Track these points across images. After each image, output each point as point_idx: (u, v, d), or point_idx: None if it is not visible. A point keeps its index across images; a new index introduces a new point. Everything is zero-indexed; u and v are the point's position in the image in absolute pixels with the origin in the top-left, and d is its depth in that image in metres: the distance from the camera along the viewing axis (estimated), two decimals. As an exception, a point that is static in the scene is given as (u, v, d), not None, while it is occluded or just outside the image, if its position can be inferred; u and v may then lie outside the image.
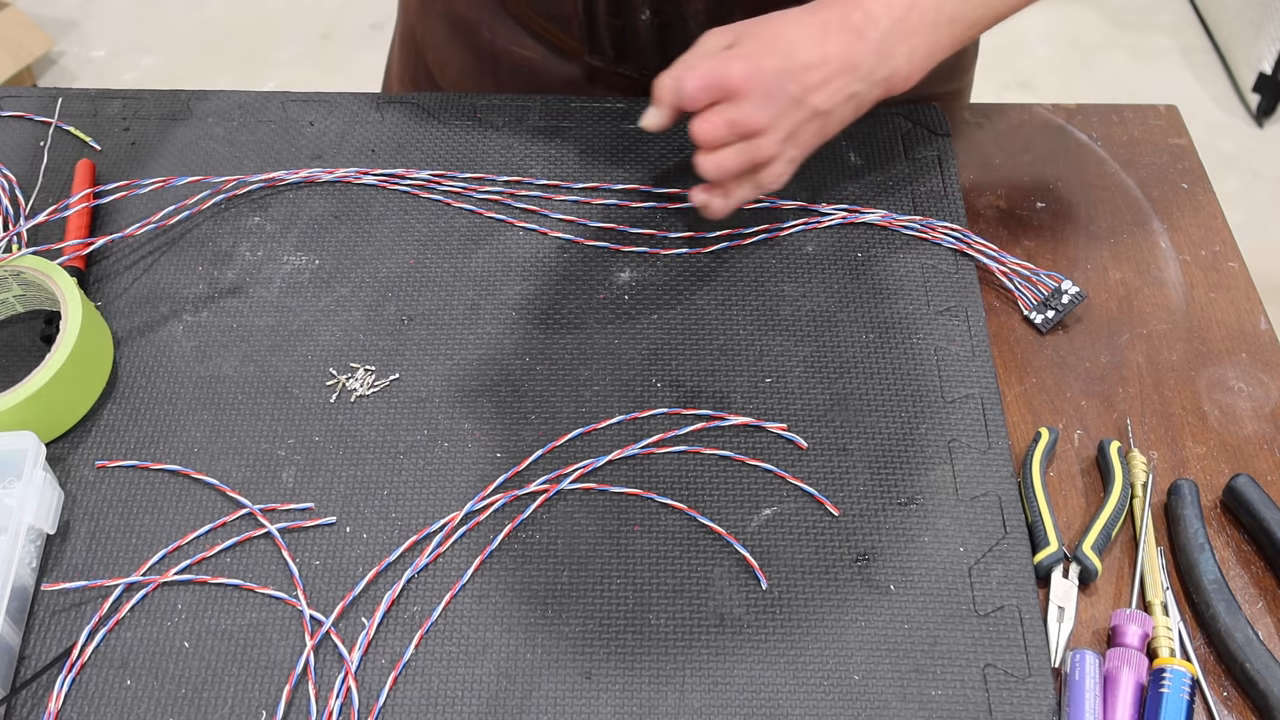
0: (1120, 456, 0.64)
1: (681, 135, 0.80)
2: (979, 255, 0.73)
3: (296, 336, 0.70)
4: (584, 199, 0.76)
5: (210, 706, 0.57)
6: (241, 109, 0.82)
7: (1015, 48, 2.27)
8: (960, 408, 0.67)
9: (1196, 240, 0.76)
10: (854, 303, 0.71)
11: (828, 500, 0.63)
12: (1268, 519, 0.62)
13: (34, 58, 2.11)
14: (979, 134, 0.82)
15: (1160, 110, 0.84)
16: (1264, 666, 0.57)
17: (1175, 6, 2.36)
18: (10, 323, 0.71)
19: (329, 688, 0.57)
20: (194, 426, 0.66)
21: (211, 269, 0.73)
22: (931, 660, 0.58)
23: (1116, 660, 0.57)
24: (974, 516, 0.63)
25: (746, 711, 0.56)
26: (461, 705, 0.57)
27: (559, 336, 0.70)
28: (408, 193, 0.76)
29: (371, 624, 0.59)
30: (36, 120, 0.81)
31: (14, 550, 0.58)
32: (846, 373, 0.68)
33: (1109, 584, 0.62)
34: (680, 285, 0.72)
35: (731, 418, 0.66)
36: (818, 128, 0.66)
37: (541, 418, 0.66)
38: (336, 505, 0.63)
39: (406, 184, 0.76)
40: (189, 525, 0.62)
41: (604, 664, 0.58)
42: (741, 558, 0.61)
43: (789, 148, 0.66)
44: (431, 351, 0.69)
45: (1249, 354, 0.71)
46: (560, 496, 0.64)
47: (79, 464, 0.65)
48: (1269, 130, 2.12)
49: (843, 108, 0.66)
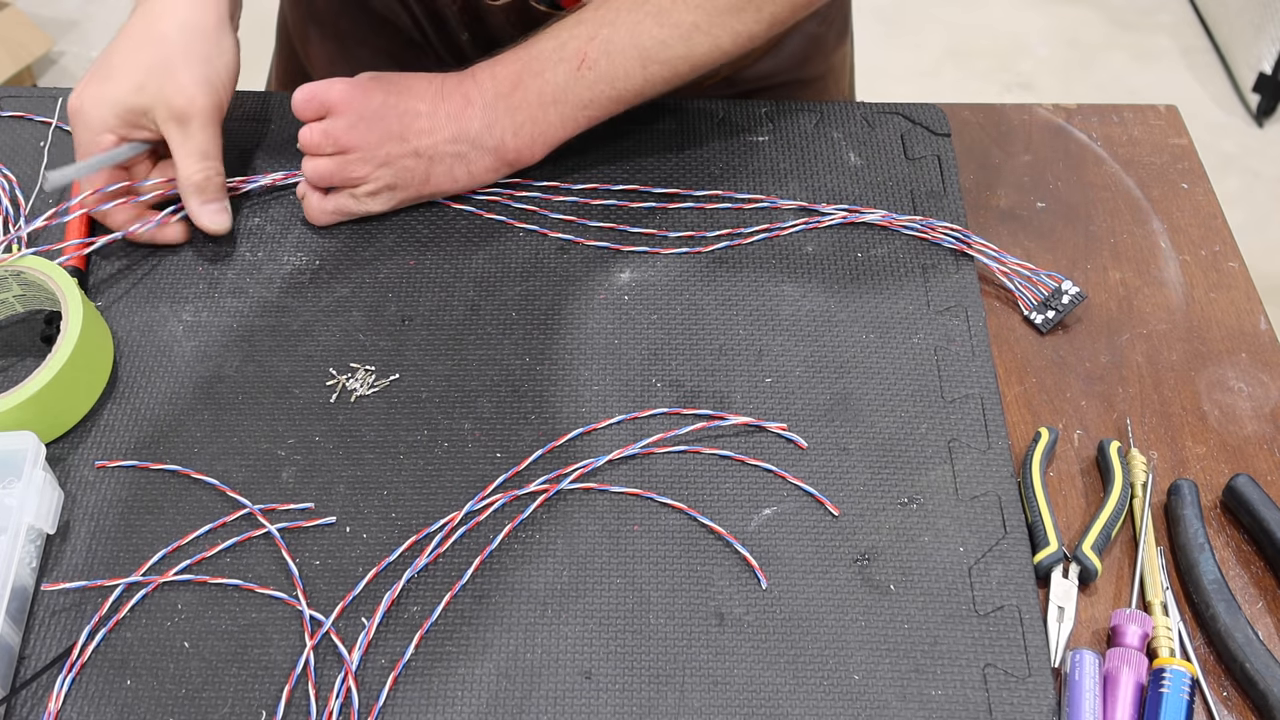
0: (1120, 456, 0.65)
1: (682, 135, 0.80)
2: (979, 255, 0.73)
3: (296, 336, 0.70)
4: (583, 199, 0.76)
5: (210, 706, 0.57)
6: (241, 109, 0.82)
7: (1015, 48, 2.27)
8: (960, 408, 0.67)
9: (1196, 240, 0.76)
10: (854, 303, 0.71)
11: (828, 500, 0.63)
12: (1268, 519, 0.62)
13: (34, 58, 2.11)
14: (979, 134, 0.82)
15: (1160, 110, 0.84)
16: (1264, 666, 0.57)
17: (1175, 6, 2.36)
18: (10, 323, 0.71)
19: (329, 688, 0.57)
20: (194, 426, 0.66)
21: (211, 269, 0.73)
22: (931, 660, 0.58)
23: (1116, 660, 0.57)
24: (974, 516, 0.63)
25: (746, 711, 0.56)
26: (461, 705, 0.57)
27: (559, 336, 0.70)
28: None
29: (371, 624, 0.59)
30: (36, 120, 0.81)
31: (14, 550, 0.58)
32: (846, 373, 0.68)
33: (1109, 584, 0.62)
34: (680, 285, 0.72)
35: (731, 418, 0.66)
36: (423, 169, 0.71)
37: (541, 418, 0.66)
38: (336, 505, 0.63)
39: None
40: (189, 525, 0.62)
41: (604, 664, 0.58)
42: (741, 558, 0.61)
43: (385, 174, 0.71)
44: (431, 351, 0.69)
45: (1249, 354, 0.71)
46: (560, 496, 0.64)
47: (79, 464, 0.65)
48: (1269, 130, 2.12)
49: (449, 162, 0.71)
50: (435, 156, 0.71)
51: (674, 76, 0.70)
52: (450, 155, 0.71)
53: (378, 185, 0.72)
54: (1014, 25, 2.31)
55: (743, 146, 0.79)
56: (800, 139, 0.79)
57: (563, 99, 0.70)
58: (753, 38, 0.70)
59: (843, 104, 0.82)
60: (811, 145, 0.79)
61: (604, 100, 0.71)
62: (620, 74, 0.69)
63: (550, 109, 0.70)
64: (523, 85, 0.70)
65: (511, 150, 0.71)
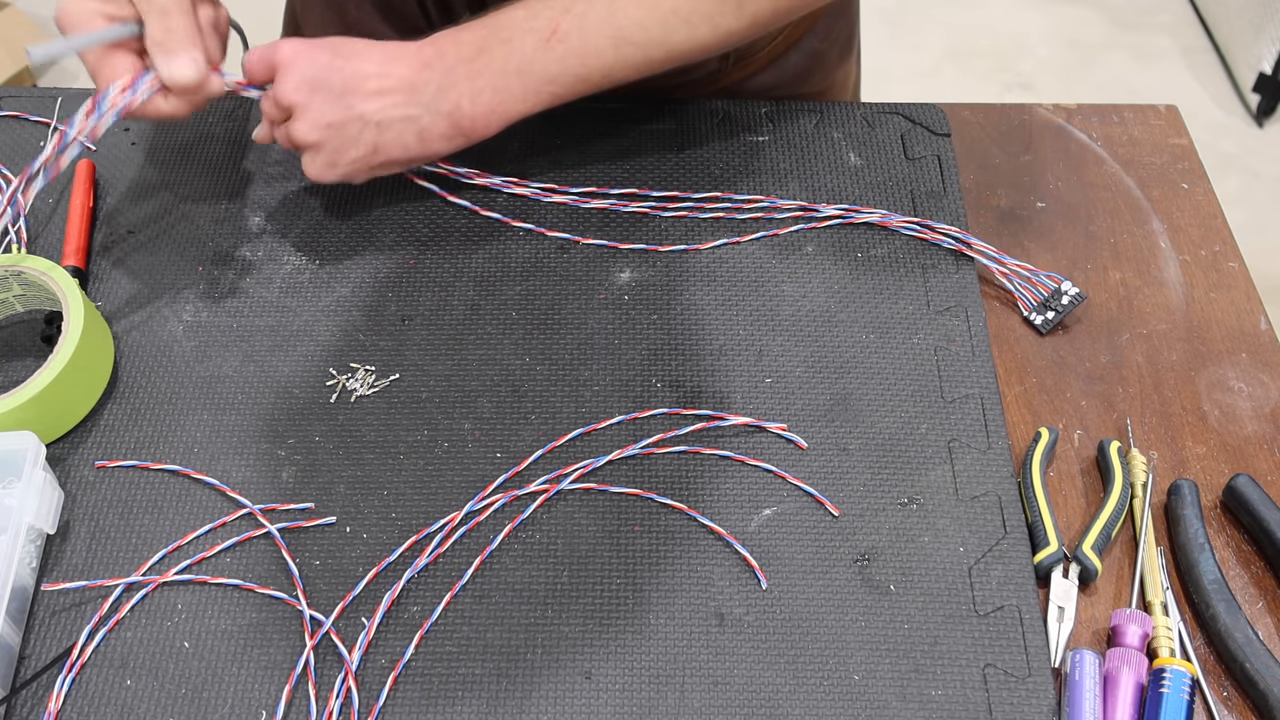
0: (1120, 456, 0.65)
1: (681, 135, 0.80)
2: (979, 255, 0.73)
3: (296, 336, 0.70)
4: (583, 199, 0.76)
5: (210, 706, 0.57)
6: (242, 109, 0.82)
7: (1015, 48, 2.27)
8: (960, 408, 0.67)
9: (1196, 240, 0.76)
10: (854, 303, 0.71)
11: (828, 500, 0.63)
12: (1268, 519, 0.62)
13: (34, 58, 2.11)
14: (979, 134, 0.82)
15: (1160, 110, 0.84)
16: (1264, 666, 0.57)
17: (1175, 6, 2.36)
18: (10, 323, 0.71)
19: (329, 688, 0.57)
20: (194, 426, 0.66)
21: (211, 269, 0.73)
22: (931, 660, 0.58)
23: (1116, 660, 0.57)
24: (974, 516, 0.63)
25: (746, 711, 0.56)
26: (461, 705, 0.57)
27: (559, 336, 0.70)
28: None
29: (371, 624, 0.59)
30: (36, 120, 0.81)
31: (14, 550, 0.58)
32: (846, 373, 0.68)
33: (1109, 584, 0.62)
34: (680, 285, 0.72)
35: (731, 418, 0.66)
36: (371, 138, 0.67)
37: (541, 418, 0.66)
38: (336, 505, 0.63)
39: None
40: (189, 525, 0.62)
41: (604, 664, 0.58)
42: (741, 558, 0.61)
43: (331, 139, 0.67)
44: (431, 351, 0.69)
45: (1249, 354, 0.71)
46: (560, 496, 0.64)
47: (79, 464, 0.65)
48: (1269, 130, 2.12)
49: (399, 127, 0.67)
50: (383, 123, 0.67)
51: (646, 63, 0.69)
52: (400, 120, 0.67)
53: (327, 154, 0.68)
54: (1014, 25, 2.31)
55: (743, 146, 0.79)
56: (800, 139, 0.79)
57: (528, 70, 0.68)
58: (731, 33, 0.68)
59: (843, 104, 0.82)
60: (811, 145, 0.79)
61: (571, 77, 0.68)
62: (591, 50, 0.67)
63: (514, 78, 0.68)
64: (487, 51, 0.67)
65: (467, 118, 0.68)
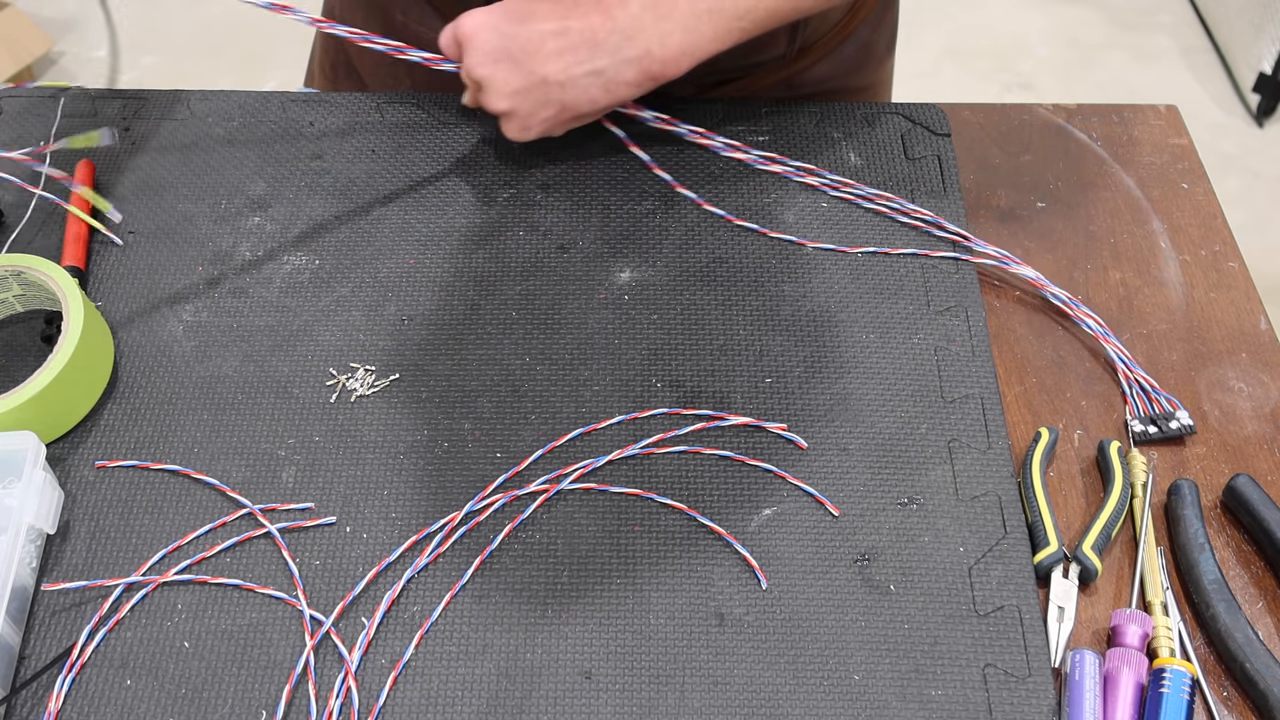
0: (1120, 456, 0.65)
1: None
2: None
3: (296, 336, 0.70)
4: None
5: (210, 706, 0.57)
6: (241, 109, 0.82)
7: (1015, 48, 2.27)
8: (960, 408, 0.67)
9: (1196, 240, 0.76)
10: (854, 303, 0.71)
11: (828, 500, 0.63)
12: (1268, 519, 0.62)
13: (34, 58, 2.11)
14: (979, 134, 0.82)
15: (1160, 110, 0.84)
16: (1264, 666, 0.57)
17: (1175, 6, 2.36)
18: (10, 323, 0.71)
19: (329, 688, 0.57)
20: (194, 426, 0.66)
21: (211, 269, 0.73)
22: (931, 660, 0.58)
23: (1116, 660, 0.57)
24: (974, 516, 0.63)
25: (746, 711, 0.56)
26: (461, 705, 0.57)
27: (559, 336, 0.70)
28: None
29: (371, 624, 0.59)
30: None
31: (14, 550, 0.58)
32: (846, 373, 0.68)
33: (1109, 584, 0.62)
34: (680, 285, 0.72)
35: (731, 418, 0.66)
36: (557, 97, 0.68)
37: (541, 418, 0.66)
38: (336, 505, 0.63)
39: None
40: (189, 525, 0.62)
41: (604, 664, 0.58)
42: (741, 558, 0.61)
43: (521, 105, 0.69)
44: (431, 351, 0.69)
45: (1249, 354, 0.71)
46: (560, 496, 0.64)
47: (79, 464, 0.65)
48: (1269, 130, 2.12)
49: (584, 82, 0.68)
50: (567, 82, 0.67)
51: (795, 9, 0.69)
52: (583, 76, 0.67)
53: (520, 119, 0.69)
54: (1014, 25, 2.31)
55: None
56: (800, 139, 0.79)
57: (718, 8, 0.67)
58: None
59: (843, 104, 0.82)
60: (811, 145, 0.79)
61: (762, 12, 0.68)
62: None
63: (704, 18, 0.67)
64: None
65: (657, 61, 0.67)
